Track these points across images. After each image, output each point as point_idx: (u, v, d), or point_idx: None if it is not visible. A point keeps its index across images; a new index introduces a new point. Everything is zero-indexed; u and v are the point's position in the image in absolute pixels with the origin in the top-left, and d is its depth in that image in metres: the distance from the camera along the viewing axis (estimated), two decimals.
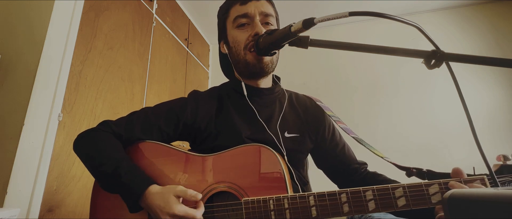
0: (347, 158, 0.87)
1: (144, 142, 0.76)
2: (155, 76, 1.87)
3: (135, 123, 0.76)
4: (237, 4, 0.80)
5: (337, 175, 0.88)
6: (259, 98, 0.83)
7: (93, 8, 1.39)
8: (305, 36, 0.58)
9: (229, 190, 0.66)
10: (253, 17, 0.77)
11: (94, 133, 0.73)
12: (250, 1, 0.79)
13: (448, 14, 2.48)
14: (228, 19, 0.83)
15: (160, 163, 0.72)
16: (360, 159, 0.89)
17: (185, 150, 0.75)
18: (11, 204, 0.96)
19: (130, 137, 0.75)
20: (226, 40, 0.84)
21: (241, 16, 0.78)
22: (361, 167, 0.86)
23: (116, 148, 0.71)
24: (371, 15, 0.47)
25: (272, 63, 0.80)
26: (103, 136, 0.73)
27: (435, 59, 0.47)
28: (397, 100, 2.37)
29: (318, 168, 0.92)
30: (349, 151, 0.88)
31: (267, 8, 0.80)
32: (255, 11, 0.77)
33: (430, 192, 0.55)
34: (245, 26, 0.79)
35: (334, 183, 0.90)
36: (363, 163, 0.88)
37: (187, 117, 0.79)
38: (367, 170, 0.86)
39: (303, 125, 0.83)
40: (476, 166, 0.58)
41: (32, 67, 1.10)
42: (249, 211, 0.62)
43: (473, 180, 0.56)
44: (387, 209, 0.56)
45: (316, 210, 0.59)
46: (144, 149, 0.75)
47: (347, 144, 0.89)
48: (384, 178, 0.80)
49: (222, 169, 0.68)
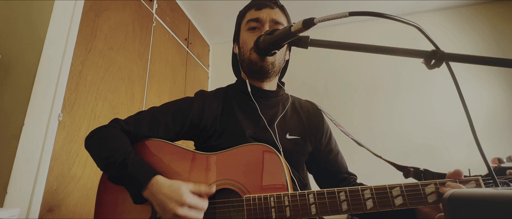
0: (338, 165, 0.88)
1: (150, 139, 0.78)
2: (155, 76, 1.87)
3: (143, 121, 0.79)
4: (253, 9, 0.86)
5: (325, 180, 0.90)
6: (263, 99, 0.86)
7: (93, 8, 1.39)
8: (305, 36, 0.58)
9: (231, 187, 0.67)
10: (264, 22, 0.83)
11: (105, 129, 0.77)
12: (264, 8, 0.84)
13: (448, 14, 2.48)
14: (243, 21, 0.88)
15: (165, 160, 0.74)
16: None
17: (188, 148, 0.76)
18: (11, 204, 0.96)
19: (137, 134, 0.78)
20: (238, 41, 0.90)
21: (253, 19, 0.84)
22: (350, 177, 0.87)
23: (124, 142, 0.74)
24: (371, 15, 0.47)
25: (274, 66, 0.82)
26: (113, 131, 0.76)
27: (435, 59, 0.47)
28: (397, 100, 2.37)
29: (308, 172, 0.94)
30: (341, 160, 0.90)
31: (279, 16, 0.84)
32: (267, 18, 0.83)
33: (426, 191, 0.57)
34: (255, 30, 0.84)
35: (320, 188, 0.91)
36: (353, 174, 0.89)
37: (194, 115, 0.82)
38: (355, 181, 0.88)
39: (305, 129, 0.86)
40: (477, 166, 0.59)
41: (32, 67, 1.10)
42: (250, 208, 0.63)
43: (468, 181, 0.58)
44: (385, 208, 0.58)
45: (315, 207, 0.60)
46: (150, 146, 0.77)
47: (341, 153, 0.91)
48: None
49: (225, 167, 0.69)
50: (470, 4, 2.44)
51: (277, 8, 0.86)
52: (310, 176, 0.95)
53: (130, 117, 0.81)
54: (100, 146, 0.73)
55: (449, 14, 2.48)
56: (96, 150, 0.74)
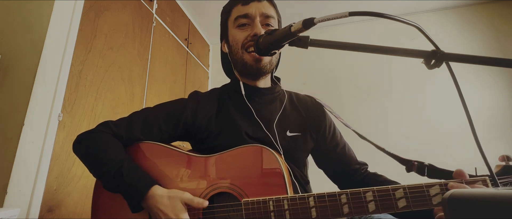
0: (347, 158, 0.86)
1: (144, 143, 0.76)
2: (155, 76, 1.87)
3: (136, 123, 0.77)
4: (239, 4, 0.81)
5: (337, 175, 0.88)
6: (258, 98, 0.83)
7: (93, 8, 1.39)
8: (305, 36, 0.58)
9: (229, 191, 0.65)
10: (253, 17, 0.78)
11: (94, 135, 0.74)
12: (252, 2, 0.79)
13: (448, 14, 2.48)
14: (230, 18, 0.83)
15: (160, 163, 0.72)
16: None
17: (186, 151, 0.75)
18: (11, 204, 0.96)
19: (130, 137, 0.75)
20: (227, 39, 0.85)
21: (242, 16, 0.79)
22: (361, 168, 0.86)
23: (117, 148, 0.71)
24: (371, 15, 0.47)
25: (271, 64, 0.80)
26: (104, 137, 0.73)
27: (435, 59, 0.47)
28: (397, 100, 2.37)
29: (318, 168, 0.92)
30: (349, 151, 0.88)
31: (268, 9, 0.80)
32: (256, 12, 0.78)
33: (431, 193, 0.55)
34: (245, 26, 0.79)
35: (334, 183, 0.90)
36: (364, 163, 0.87)
37: (187, 117, 0.79)
38: (367, 170, 0.86)
39: (305, 124, 0.83)
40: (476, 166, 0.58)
41: (32, 67, 1.10)
42: (249, 212, 0.61)
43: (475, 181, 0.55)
44: (388, 210, 0.56)
45: (316, 211, 0.59)
46: (144, 149, 0.75)
47: (347, 144, 0.89)
48: (384, 179, 0.80)
49: (222, 170, 0.68)
50: (470, 4, 2.43)
51: (265, 0, 0.80)
52: (311, 174, 0.93)
53: (122, 119, 0.78)
54: (91, 155, 0.71)
55: (449, 14, 2.47)
56: (87, 158, 0.72)
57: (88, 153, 0.72)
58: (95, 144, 0.71)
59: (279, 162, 0.65)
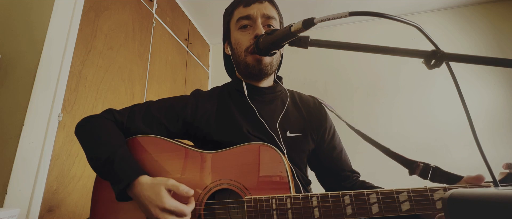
0: (341, 163, 0.86)
1: (144, 136, 0.76)
2: (155, 76, 1.87)
3: (137, 114, 0.78)
4: (241, 6, 0.81)
5: (328, 178, 0.88)
6: (260, 97, 0.83)
7: (93, 8, 1.39)
8: (305, 36, 0.58)
9: (231, 188, 0.65)
10: (255, 19, 0.79)
11: (97, 119, 0.75)
12: (253, 3, 0.80)
13: (448, 14, 2.48)
14: (232, 20, 0.84)
15: (160, 158, 0.72)
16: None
17: (187, 145, 0.74)
18: (11, 204, 0.96)
19: (131, 126, 0.76)
20: (230, 41, 0.86)
21: (243, 17, 0.80)
22: (353, 176, 0.85)
23: (115, 135, 0.72)
24: (371, 15, 0.47)
25: (272, 65, 0.81)
26: (105, 122, 0.74)
27: (435, 59, 0.47)
28: (397, 100, 2.37)
29: (311, 170, 0.91)
30: (345, 157, 0.88)
31: (270, 10, 0.81)
32: (258, 13, 0.79)
33: (435, 197, 0.54)
34: (247, 28, 0.80)
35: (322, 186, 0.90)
36: (356, 172, 0.87)
37: (187, 114, 0.80)
38: (358, 179, 0.86)
39: (306, 125, 0.83)
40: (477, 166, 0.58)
41: (32, 67, 1.10)
42: (251, 210, 0.61)
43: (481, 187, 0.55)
44: (391, 213, 0.56)
45: (318, 211, 0.58)
46: (144, 143, 0.75)
47: (344, 151, 0.89)
48: (370, 186, 0.80)
49: (225, 167, 0.68)
50: (470, 4, 2.43)
51: (266, 2, 0.81)
52: (311, 174, 0.93)
53: (125, 109, 0.80)
54: (89, 138, 0.72)
55: (449, 14, 2.47)
56: (84, 140, 0.73)
57: (87, 135, 0.73)
58: (95, 128, 0.73)
59: (282, 160, 0.64)
